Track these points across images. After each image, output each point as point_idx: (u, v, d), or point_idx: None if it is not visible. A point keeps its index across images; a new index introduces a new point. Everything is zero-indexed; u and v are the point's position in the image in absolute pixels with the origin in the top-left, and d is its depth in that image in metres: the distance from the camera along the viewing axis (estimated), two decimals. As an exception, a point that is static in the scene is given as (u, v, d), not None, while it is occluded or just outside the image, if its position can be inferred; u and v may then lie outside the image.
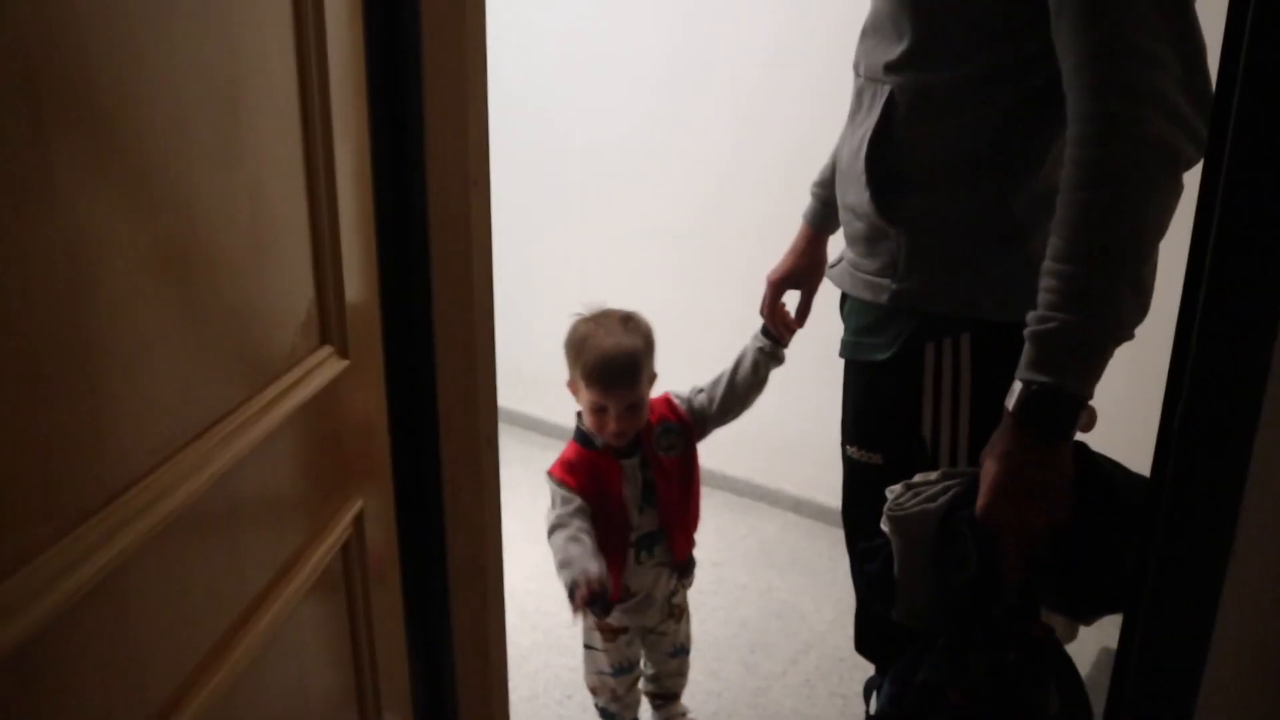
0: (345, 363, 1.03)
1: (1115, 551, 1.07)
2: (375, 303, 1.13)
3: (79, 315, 0.61)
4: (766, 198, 2.86)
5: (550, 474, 1.75)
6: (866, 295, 1.26)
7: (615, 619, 1.83)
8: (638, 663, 1.99)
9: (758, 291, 1.74)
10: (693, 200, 3.07)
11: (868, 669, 1.62)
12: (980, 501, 1.06)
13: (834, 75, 1.66)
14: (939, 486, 1.12)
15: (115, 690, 0.66)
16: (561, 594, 1.52)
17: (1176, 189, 1.01)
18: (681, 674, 2.06)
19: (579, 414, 1.75)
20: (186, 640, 0.75)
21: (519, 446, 3.41)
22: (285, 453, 0.92)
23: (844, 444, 1.37)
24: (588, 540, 1.62)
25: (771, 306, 1.72)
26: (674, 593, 1.90)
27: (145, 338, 0.69)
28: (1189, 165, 1.01)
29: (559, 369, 1.79)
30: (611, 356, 1.63)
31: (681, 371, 1.90)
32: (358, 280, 1.06)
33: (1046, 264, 1.03)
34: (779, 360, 1.77)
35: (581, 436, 1.73)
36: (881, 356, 1.24)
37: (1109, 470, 1.11)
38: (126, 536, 0.64)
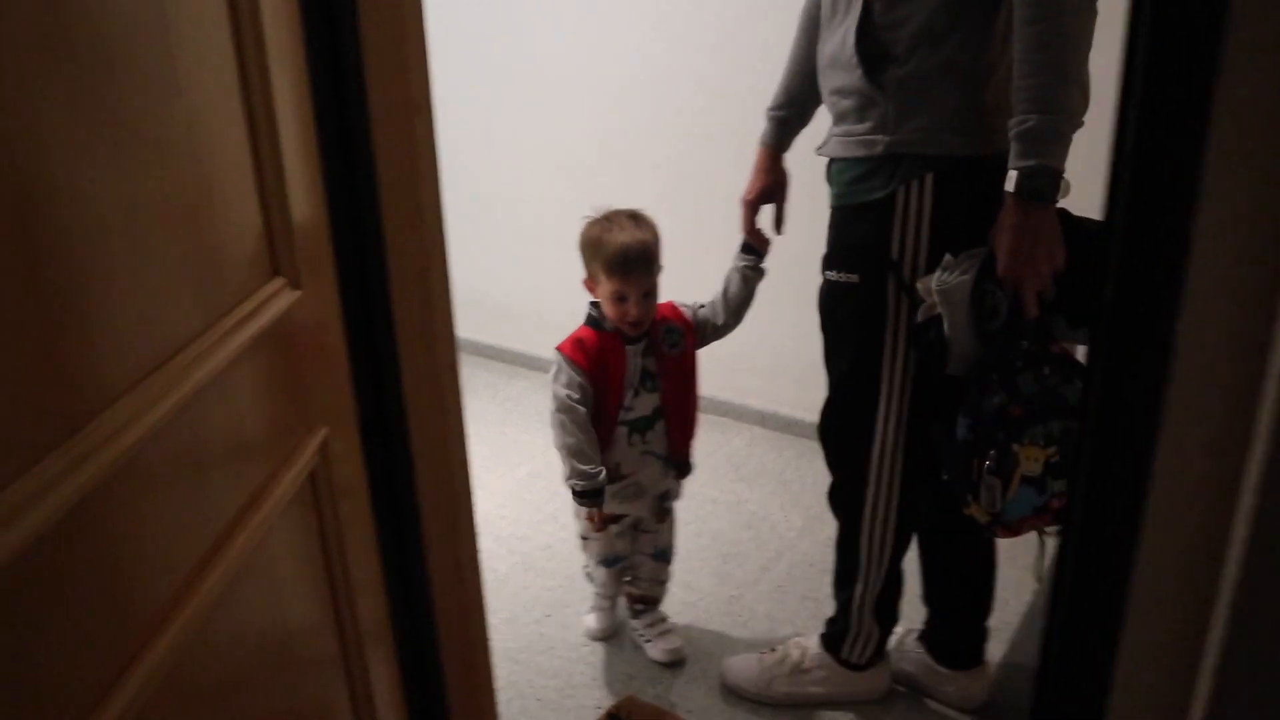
0: (298, 293, 1.02)
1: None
2: (325, 232, 1.12)
3: (28, 249, 0.61)
4: (729, 120, 2.85)
5: (559, 349, 1.94)
6: (861, 152, 1.58)
7: (606, 504, 1.95)
8: (625, 558, 2.11)
9: (718, 210, 1.81)
10: (655, 122, 3.04)
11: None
12: (1001, 263, 1.46)
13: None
14: (964, 264, 1.50)
15: (90, 622, 0.67)
16: (535, 518, 1.56)
17: (1095, 11, 1.38)
18: (660, 580, 2.14)
19: (593, 304, 1.94)
20: (159, 570, 0.76)
21: (484, 375, 3.42)
22: (244, 385, 0.92)
23: (825, 270, 1.71)
24: (590, 433, 1.90)
25: (750, 224, 1.94)
26: (666, 494, 2.05)
27: (97, 271, 0.68)
28: None
29: (521, 297, 1.83)
30: (629, 246, 1.83)
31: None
32: (305, 210, 1.05)
33: (1016, 80, 1.39)
34: (761, 273, 1.98)
35: (592, 320, 1.93)
36: (877, 196, 1.58)
37: (1082, 222, 1.48)
38: (91, 467, 0.65)
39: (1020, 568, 2.25)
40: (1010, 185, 1.43)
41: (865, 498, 1.77)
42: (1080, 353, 1.56)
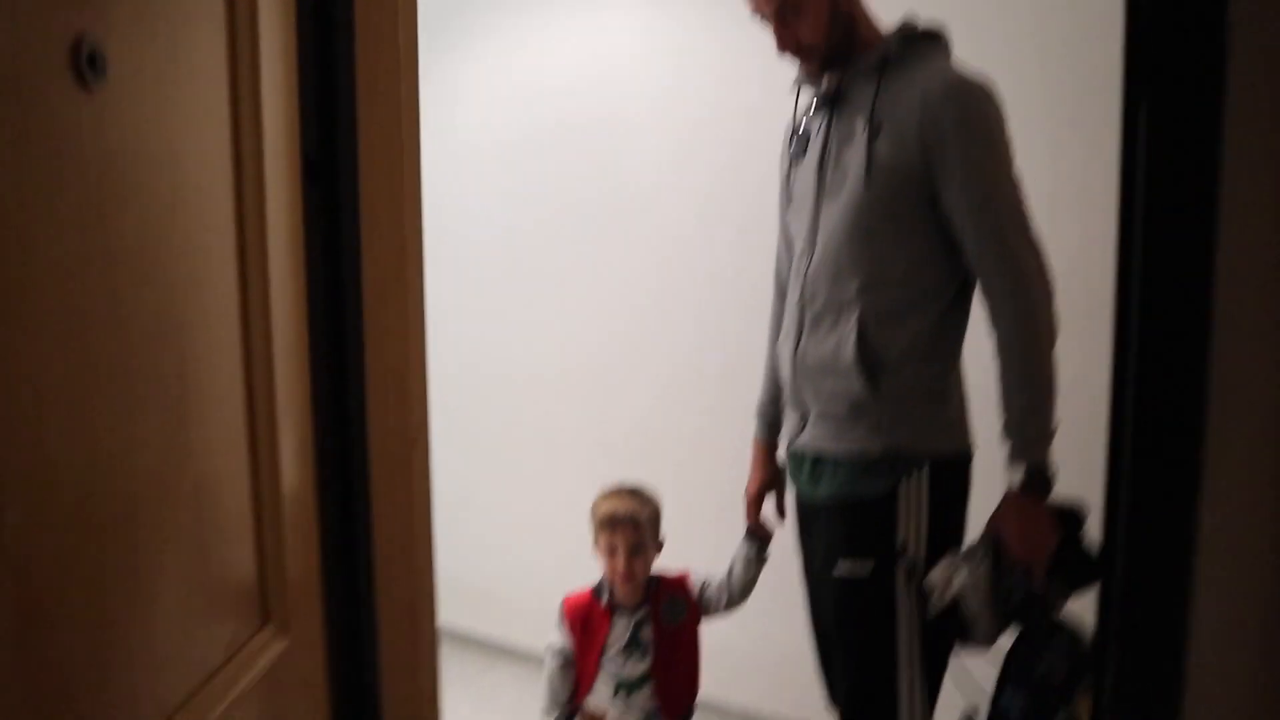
0: (285, 642, 1.01)
1: (1077, 549, 1.61)
2: (317, 580, 1.13)
3: (26, 623, 0.61)
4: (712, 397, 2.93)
5: (563, 600, 2.18)
6: (857, 451, 1.71)
7: None
8: None
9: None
10: (630, 410, 3.12)
11: None
12: (1015, 549, 1.60)
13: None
14: (966, 559, 1.64)
15: None
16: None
17: (1055, 336, 1.60)
18: None
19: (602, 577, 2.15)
20: None
21: (457, 665, 3.31)
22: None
23: (830, 568, 1.75)
24: (563, 681, 2.17)
25: (754, 516, 2.06)
26: None
27: (88, 646, 0.68)
28: (1056, 327, 1.60)
29: (498, 582, 1.84)
30: (616, 506, 2.11)
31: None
32: (299, 561, 1.06)
33: (1003, 394, 1.59)
34: (765, 559, 2.10)
35: (597, 586, 2.15)
36: (876, 492, 1.69)
37: (1065, 505, 1.63)
38: None
39: None
40: (1012, 482, 1.59)
41: None
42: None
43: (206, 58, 0.90)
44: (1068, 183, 2.29)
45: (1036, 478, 1.59)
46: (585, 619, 2.14)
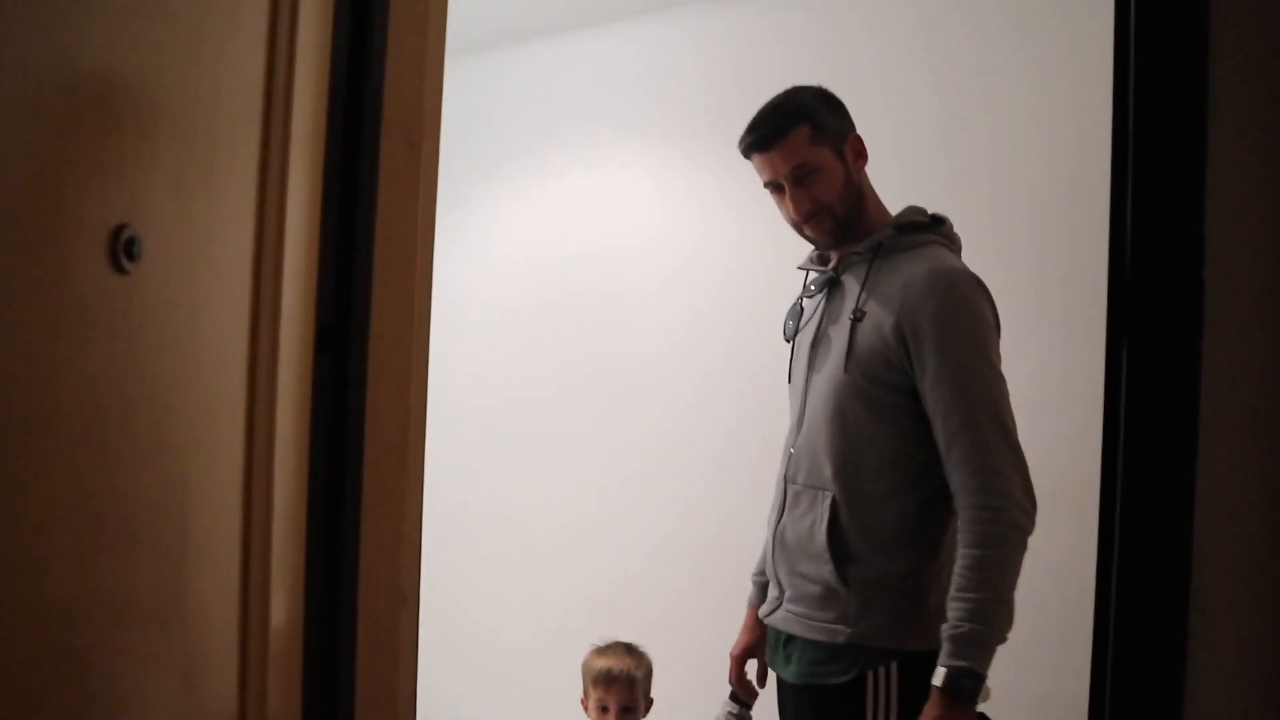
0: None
1: None
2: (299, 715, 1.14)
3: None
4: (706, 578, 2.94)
5: None
6: (823, 638, 1.68)
7: None
8: None
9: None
10: (620, 578, 3.13)
11: None
12: None
13: (742, 467, 1.86)
14: None
15: None
16: None
17: (1025, 547, 1.54)
18: None
19: None
20: None
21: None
22: None
23: None
24: None
25: (738, 676, 2.03)
26: None
27: None
28: (1029, 533, 1.55)
29: None
30: (612, 664, 2.17)
31: None
32: (282, 697, 1.08)
33: (955, 591, 1.53)
34: None
35: None
36: (841, 680, 1.66)
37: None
38: None
39: None
40: (937, 680, 1.51)
41: None
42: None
43: (236, 237, 0.99)
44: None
45: (966, 682, 1.50)
46: None
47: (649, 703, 2.18)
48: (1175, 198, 1.08)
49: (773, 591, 1.82)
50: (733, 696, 2.06)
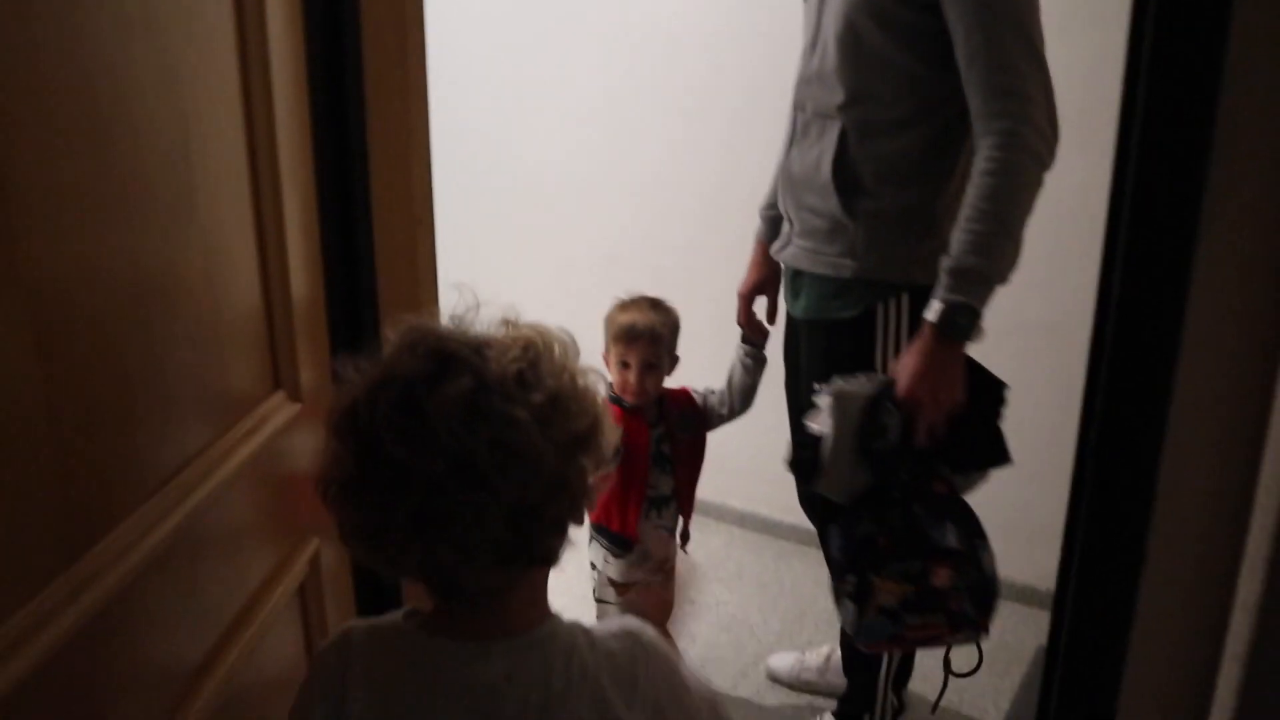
0: (298, 406, 1.04)
1: (990, 425, 1.50)
2: (326, 348, 1.15)
3: (52, 367, 0.64)
4: (704, 222, 2.92)
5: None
6: (829, 272, 1.65)
7: (619, 573, 2.07)
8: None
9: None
10: (633, 226, 3.10)
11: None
12: (903, 384, 1.46)
13: (758, 108, 1.76)
14: (864, 380, 1.52)
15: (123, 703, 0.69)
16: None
17: (1041, 181, 1.44)
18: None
19: (610, 385, 2.00)
20: (152, 691, 0.77)
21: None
22: (244, 492, 0.93)
23: (808, 384, 1.65)
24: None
25: (746, 316, 2.03)
26: (667, 558, 2.14)
27: (111, 400, 0.71)
28: (1048, 167, 1.44)
29: None
30: (636, 319, 1.97)
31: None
32: (307, 324, 1.08)
33: (962, 222, 1.43)
34: (763, 361, 2.06)
35: (614, 398, 2.00)
36: (847, 315, 1.65)
37: (985, 374, 1.51)
38: (91, 595, 0.66)
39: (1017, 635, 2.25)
40: (930, 314, 1.44)
41: None
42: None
43: None
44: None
45: (961, 318, 1.43)
46: (625, 427, 1.95)
47: (674, 360, 2.02)
48: None
49: (783, 228, 1.78)
50: (744, 338, 2.05)
